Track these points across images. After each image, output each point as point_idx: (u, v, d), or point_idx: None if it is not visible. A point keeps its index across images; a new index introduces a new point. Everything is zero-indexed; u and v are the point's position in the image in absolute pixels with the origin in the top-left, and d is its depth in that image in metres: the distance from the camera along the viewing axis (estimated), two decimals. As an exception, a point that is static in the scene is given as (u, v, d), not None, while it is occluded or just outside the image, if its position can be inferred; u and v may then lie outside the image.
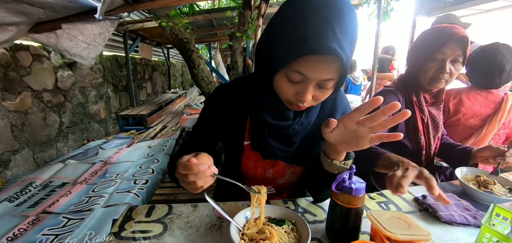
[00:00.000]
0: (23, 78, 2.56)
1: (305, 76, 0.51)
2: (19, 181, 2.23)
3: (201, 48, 8.50)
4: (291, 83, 0.54)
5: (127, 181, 2.09)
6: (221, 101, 0.73)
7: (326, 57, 0.48)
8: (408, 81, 1.04)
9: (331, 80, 0.52)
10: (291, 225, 0.60)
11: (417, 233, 0.53)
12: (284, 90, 0.55)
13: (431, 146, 1.02)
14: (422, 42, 0.98)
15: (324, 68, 0.50)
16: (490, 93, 1.25)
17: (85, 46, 1.92)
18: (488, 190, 0.79)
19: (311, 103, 0.57)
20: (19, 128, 2.50)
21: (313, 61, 0.49)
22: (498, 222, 0.59)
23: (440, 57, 0.90)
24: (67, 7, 1.57)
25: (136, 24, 3.92)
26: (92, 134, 3.64)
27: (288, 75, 0.53)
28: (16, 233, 1.51)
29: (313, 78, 0.51)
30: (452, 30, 0.88)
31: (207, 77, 3.79)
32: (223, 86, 0.76)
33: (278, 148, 0.68)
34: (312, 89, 0.53)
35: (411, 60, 1.02)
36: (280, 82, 0.55)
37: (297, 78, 0.52)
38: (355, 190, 0.54)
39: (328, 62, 0.49)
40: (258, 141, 0.69)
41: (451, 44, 0.88)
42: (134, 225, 0.65)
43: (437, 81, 0.93)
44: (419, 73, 0.97)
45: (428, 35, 0.96)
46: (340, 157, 0.58)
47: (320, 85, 0.53)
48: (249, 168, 0.76)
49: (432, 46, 0.91)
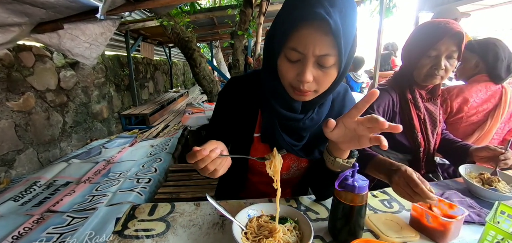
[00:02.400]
0: (26, 78, 2.57)
1: (301, 52, 0.53)
2: (23, 180, 2.25)
3: (202, 47, 8.50)
4: (291, 64, 0.55)
5: (130, 180, 2.10)
6: (234, 93, 0.75)
7: (317, 29, 0.50)
8: (402, 78, 1.03)
9: (328, 56, 0.52)
10: (293, 223, 0.60)
11: (407, 235, 0.59)
12: (286, 73, 0.57)
13: (430, 142, 1.01)
14: (416, 39, 0.95)
15: (317, 41, 0.51)
16: (489, 88, 1.24)
17: (87, 46, 1.92)
18: (493, 187, 0.78)
19: (314, 87, 0.57)
20: (23, 128, 2.52)
21: (306, 35, 0.51)
22: (503, 220, 0.59)
23: (434, 53, 0.89)
24: (68, 7, 1.58)
25: (138, 24, 3.93)
26: (95, 134, 3.66)
27: (287, 55, 0.55)
28: (21, 231, 1.53)
29: (309, 53, 0.52)
30: (447, 25, 0.86)
31: (209, 76, 3.79)
32: (236, 78, 0.78)
33: (288, 141, 0.68)
34: (312, 67, 0.54)
35: (405, 56, 1.00)
36: (282, 65, 0.57)
37: (295, 56, 0.54)
38: (358, 188, 0.54)
39: (321, 35, 0.50)
40: (269, 133, 0.70)
41: (446, 40, 0.86)
42: (137, 223, 0.65)
43: (432, 77, 0.92)
44: (414, 69, 0.96)
45: (422, 31, 0.93)
46: (343, 155, 0.58)
47: (319, 63, 0.54)
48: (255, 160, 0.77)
49: (427, 42, 0.89)
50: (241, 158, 0.75)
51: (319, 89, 0.58)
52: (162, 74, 6.80)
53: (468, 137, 1.25)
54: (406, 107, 0.99)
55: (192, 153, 0.51)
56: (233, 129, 0.76)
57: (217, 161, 0.53)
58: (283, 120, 0.66)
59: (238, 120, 0.75)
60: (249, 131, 0.74)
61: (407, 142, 1.00)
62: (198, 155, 0.50)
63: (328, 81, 0.57)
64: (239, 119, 0.74)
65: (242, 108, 0.74)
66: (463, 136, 1.26)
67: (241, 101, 0.74)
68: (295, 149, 0.69)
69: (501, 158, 0.83)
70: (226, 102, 0.77)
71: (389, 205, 0.74)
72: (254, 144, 0.75)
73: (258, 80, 0.72)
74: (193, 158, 0.50)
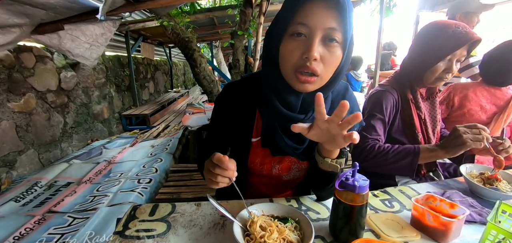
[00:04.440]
0: (27, 79, 2.58)
1: (308, 25, 0.53)
2: (25, 181, 2.26)
3: (202, 47, 8.50)
4: (296, 43, 0.55)
5: (131, 181, 2.11)
6: (229, 99, 0.75)
7: (324, 3, 0.52)
8: (404, 78, 1.01)
9: (335, 29, 0.53)
10: (294, 223, 0.60)
11: (408, 235, 0.59)
12: (290, 54, 0.56)
13: (431, 141, 1.01)
14: (433, 42, 0.90)
15: (323, 14, 0.52)
16: (499, 90, 1.23)
17: (88, 47, 1.92)
18: (494, 187, 0.78)
19: (319, 69, 0.55)
20: (24, 128, 2.53)
21: (313, 8, 0.53)
22: (504, 219, 0.59)
23: (450, 58, 0.88)
24: (69, 8, 1.58)
25: (138, 24, 3.93)
26: (96, 134, 3.67)
27: (292, 32, 0.55)
28: (22, 232, 1.53)
29: (316, 27, 0.53)
30: (468, 33, 0.84)
31: (209, 76, 3.79)
32: (232, 84, 0.77)
33: (290, 145, 0.68)
34: (318, 43, 0.54)
35: (418, 57, 0.95)
36: (286, 47, 0.57)
37: (302, 29, 0.54)
38: (358, 188, 0.54)
39: (327, 9, 0.53)
40: (269, 138, 0.69)
41: (465, 47, 0.86)
42: (138, 224, 0.65)
43: (442, 81, 0.93)
44: (426, 71, 0.93)
45: (441, 34, 0.88)
46: (330, 155, 0.58)
47: (325, 40, 0.54)
48: (255, 164, 0.77)
49: (447, 48, 0.86)
50: (242, 161, 0.76)
51: (323, 75, 0.57)
52: (162, 75, 6.80)
53: None
54: (407, 107, 0.99)
55: (220, 158, 0.55)
56: (231, 135, 0.76)
57: (225, 180, 0.58)
58: (284, 121, 0.65)
59: (236, 126, 0.74)
60: (247, 135, 0.73)
61: (407, 142, 1.00)
62: (224, 163, 0.55)
63: (333, 63, 0.57)
64: (237, 124, 0.74)
65: (239, 113, 0.73)
66: None
67: (238, 106, 0.73)
68: (297, 153, 0.69)
69: (499, 148, 0.84)
70: (223, 109, 0.76)
71: (390, 205, 0.74)
72: (253, 149, 0.74)
73: (254, 84, 0.72)
74: (220, 162, 0.55)
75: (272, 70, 0.62)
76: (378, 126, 0.95)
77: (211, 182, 0.59)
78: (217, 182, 0.57)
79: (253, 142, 0.74)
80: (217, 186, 0.59)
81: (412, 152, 0.86)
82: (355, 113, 0.46)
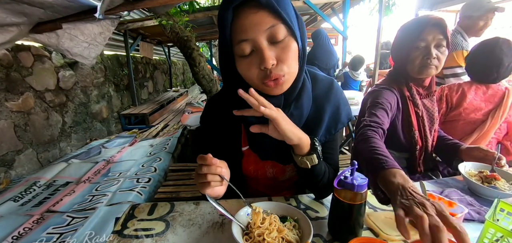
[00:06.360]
0: (25, 78, 2.57)
1: (249, 39, 0.52)
2: (23, 180, 2.25)
3: (201, 46, 8.48)
4: (248, 59, 0.55)
5: (130, 180, 2.10)
6: (213, 114, 0.75)
7: (251, 10, 0.51)
8: (397, 76, 1.03)
9: (274, 26, 0.52)
10: (293, 222, 0.60)
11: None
12: (248, 71, 0.56)
13: (428, 140, 1.01)
14: (402, 35, 1.00)
15: (257, 17, 0.51)
16: (490, 87, 1.24)
17: (86, 46, 1.92)
18: (492, 185, 0.78)
19: (282, 70, 0.54)
20: (22, 128, 2.52)
21: (244, 20, 0.52)
22: (502, 218, 0.59)
23: (422, 44, 0.92)
24: (67, 7, 1.57)
25: (137, 23, 3.91)
26: (94, 134, 3.66)
27: (240, 53, 0.55)
28: (21, 232, 1.53)
29: (256, 35, 0.52)
30: (428, 16, 0.92)
31: (208, 75, 3.78)
32: (213, 98, 0.77)
33: (273, 149, 0.67)
34: (268, 48, 0.53)
35: (396, 54, 1.03)
36: (241, 67, 0.57)
37: (246, 47, 0.53)
38: (357, 186, 0.54)
39: (255, 12, 0.51)
40: (254, 144, 0.70)
41: (430, 30, 0.90)
42: (137, 223, 0.65)
43: (427, 68, 0.93)
44: (406, 64, 0.97)
45: (406, 26, 0.99)
46: (299, 150, 0.60)
47: (272, 40, 0.53)
48: (250, 171, 0.77)
49: (412, 35, 0.94)
50: (237, 170, 0.74)
51: (289, 70, 0.56)
52: (161, 74, 6.78)
53: (467, 137, 1.25)
54: (405, 105, 0.99)
55: (203, 156, 0.54)
56: (222, 147, 0.75)
57: (216, 177, 0.55)
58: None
59: (224, 138, 0.74)
60: (237, 145, 0.73)
61: (404, 140, 1.00)
62: (208, 160, 0.54)
63: (292, 56, 0.55)
64: (225, 136, 0.73)
65: (225, 126, 0.72)
66: (462, 135, 1.26)
67: (223, 119, 0.72)
68: (282, 156, 0.68)
69: (495, 160, 0.84)
70: (209, 125, 0.76)
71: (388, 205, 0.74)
72: (245, 157, 0.74)
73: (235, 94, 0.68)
74: (202, 161, 0.54)
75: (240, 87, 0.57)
76: (379, 113, 0.90)
77: (203, 186, 0.54)
78: (207, 181, 0.54)
79: (244, 150, 0.74)
80: (210, 187, 0.54)
81: (377, 170, 0.61)
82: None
